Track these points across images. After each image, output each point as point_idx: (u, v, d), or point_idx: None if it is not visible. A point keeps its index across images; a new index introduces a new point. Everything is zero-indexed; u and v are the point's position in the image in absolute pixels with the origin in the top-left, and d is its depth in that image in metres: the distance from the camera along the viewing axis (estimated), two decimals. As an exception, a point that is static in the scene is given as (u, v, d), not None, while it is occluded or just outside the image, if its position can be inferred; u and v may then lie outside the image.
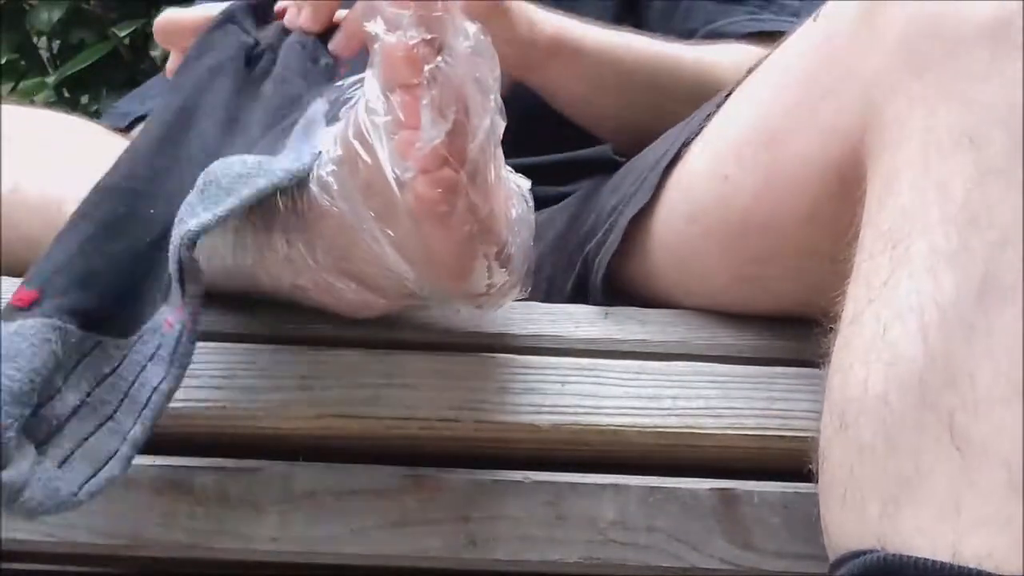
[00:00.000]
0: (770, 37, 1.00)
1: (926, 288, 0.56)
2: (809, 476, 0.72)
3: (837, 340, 0.60)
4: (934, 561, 0.52)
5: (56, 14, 2.23)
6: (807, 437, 0.73)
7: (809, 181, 0.69)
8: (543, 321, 0.78)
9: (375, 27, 0.59)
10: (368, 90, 0.60)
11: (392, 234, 0.63)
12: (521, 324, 0.77)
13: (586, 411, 0.73)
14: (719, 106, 0.79)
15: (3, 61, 2.33)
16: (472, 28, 0.59)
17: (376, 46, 0.59)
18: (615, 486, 0.72)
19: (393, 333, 0.74)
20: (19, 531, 0.70)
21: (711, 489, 0.72)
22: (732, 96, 0.78)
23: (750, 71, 0.78)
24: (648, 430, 0.73)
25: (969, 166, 0.57)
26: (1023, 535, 0.51)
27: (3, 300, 0.76)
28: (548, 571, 0.72)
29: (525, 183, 0.68)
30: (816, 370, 0.75)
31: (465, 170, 0.59)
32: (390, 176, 0.60)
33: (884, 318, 0.57)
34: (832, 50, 0.68)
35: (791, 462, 0.73)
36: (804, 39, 0.72)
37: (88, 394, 0.62)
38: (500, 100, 0.61)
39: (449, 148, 0.58)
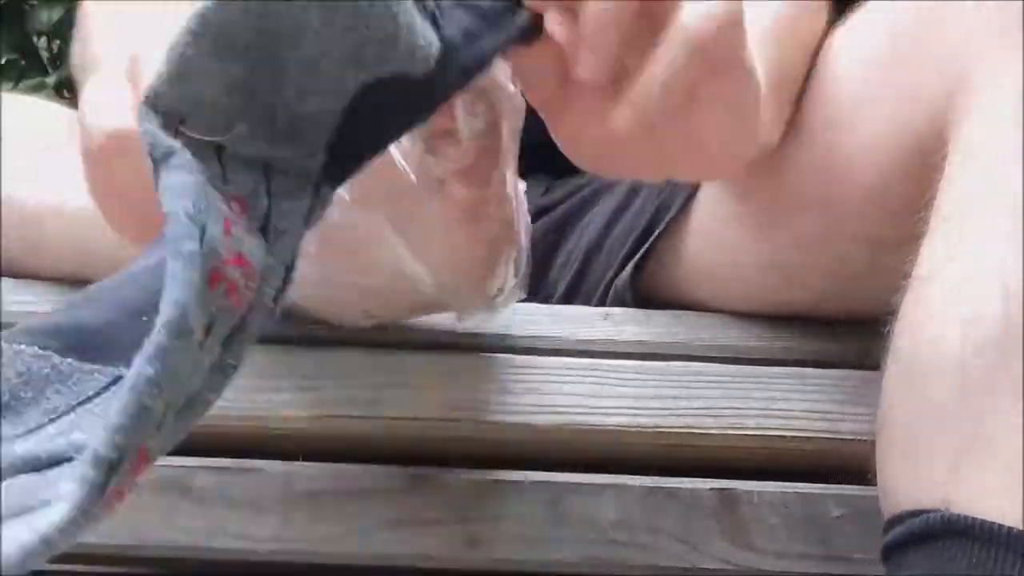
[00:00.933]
0: None
1: (1009, 253, 0.55)
2: (809, 476, 0.72)
3: (908, 296, 0.59)
4: (1000, 525, 0.51)
5: (56, 14, 2.23)
6: (807, 437, 0.73)
7: (881, 153, 0.68)
8: (543, 321, 0.78)
9: None
10: None
11: (411, 239, 0.62)
12: (521, 324, 0.77)
13: (586, 411, 0.73)
14: None
15: (3, 61, 2.33)
16: None
17: None
18: (615, 486, 0.72)
19: (393, 333, 0.74)
20: (19, 531, 0.70)
21: (711, 489, 0.72)
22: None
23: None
24: (648, 430, 0.73)
25: None
26: None
27: (2, 302, 0.76)
28: (548, 571, 0.72)
29: (521, 184, 0.68)
30: (816, 370, 0.76)
31: (499, 167, 0.59)
32: (416, 179, 0.59)
33: (963, 278, 0.56)
34: (915, 21, 0.67)
35: (791, 462, 0.73)
36: (881, 11, 0.71)
37: None
38: (519, 98, 0.61)
39: (484, 146, 0.58)
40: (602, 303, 0.86)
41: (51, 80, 2.27)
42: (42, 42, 2.43)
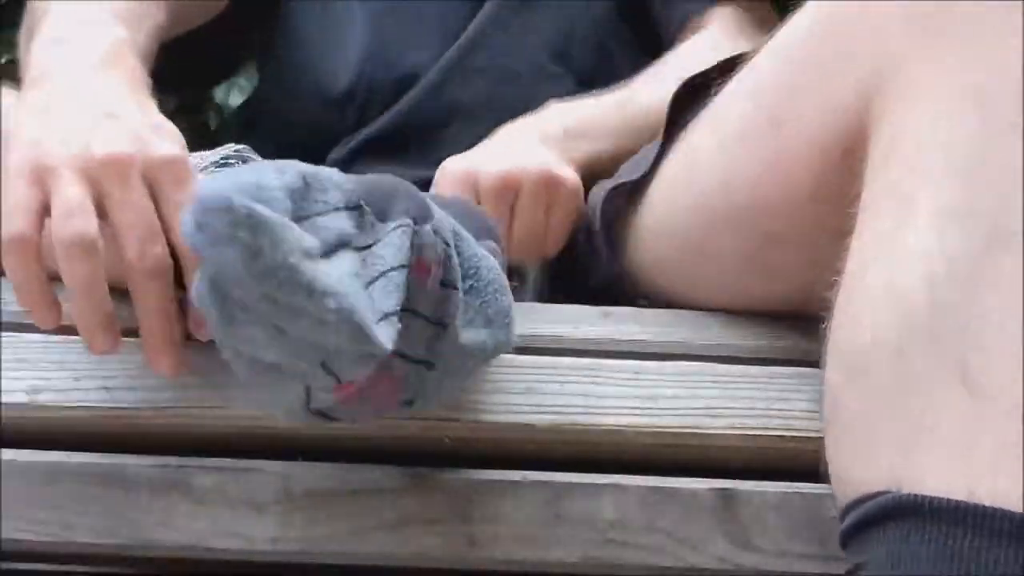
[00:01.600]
0: None
1: (932, 240, 0.56)
2: (809, 476, 0.72)
3: (841, 292, 0.61)
4: (949, 500, 0.52)
5: (56, 14, 2.23)
6: (807, 437, 0.73)
7: (813, 159, 0.70)
8: (542, 321, 0.78)
9: None
10: None
11: None
12: (520, 324, 0.77)
13: (586, 411, 0.73)
14: (716, 93, 0.80)
15: (3, 61, 2.33)
16: None
17: None
18: (615, 486, 0.72)
19: (393, 333, 0.74)
20: (19, 531, 0.70)
21: (711, 489, 0.72)
22: (734, 80, 0.78)
23: (742, 57, 0.78)
24: (648, 430, 0.73)
25: (977, 123, 0.58)
26: None
27: (4, 305, 0.76)
28: (548, 571, 0.72)
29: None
30: (816, 370, 0.75)
31: None
32: None
33: (892, 269, 0.57)
34: (835, 26, 0.68)
35: (791, 462, 0.73)
36: (805, 17, 0.72)
37: None
38: None
39: None
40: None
41: (51, 80, 2.27)
42: (42, 42, 2.43)
